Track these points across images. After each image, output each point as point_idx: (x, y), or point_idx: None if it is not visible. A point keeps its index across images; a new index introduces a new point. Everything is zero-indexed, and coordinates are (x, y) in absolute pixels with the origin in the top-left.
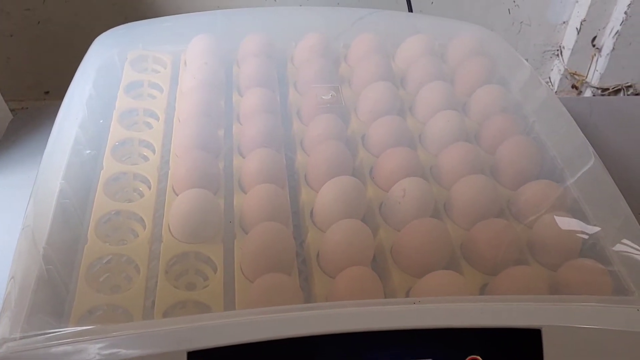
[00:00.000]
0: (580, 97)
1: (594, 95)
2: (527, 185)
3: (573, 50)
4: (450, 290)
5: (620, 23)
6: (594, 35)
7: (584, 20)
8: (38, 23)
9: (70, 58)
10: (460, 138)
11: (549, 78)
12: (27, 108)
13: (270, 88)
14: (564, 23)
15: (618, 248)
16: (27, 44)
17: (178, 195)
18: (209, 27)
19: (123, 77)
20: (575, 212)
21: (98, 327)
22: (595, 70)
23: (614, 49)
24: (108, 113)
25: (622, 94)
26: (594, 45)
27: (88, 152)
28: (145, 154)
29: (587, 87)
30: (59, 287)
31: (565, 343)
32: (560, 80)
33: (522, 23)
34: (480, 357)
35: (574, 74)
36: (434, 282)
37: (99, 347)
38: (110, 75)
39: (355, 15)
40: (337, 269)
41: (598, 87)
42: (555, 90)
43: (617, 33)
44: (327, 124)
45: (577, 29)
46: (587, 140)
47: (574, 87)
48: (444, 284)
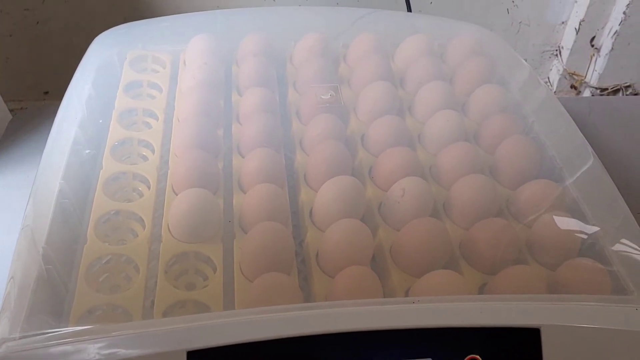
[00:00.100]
0: (579, 97)
1: (593, 96)
2: (526, 185)
3: (572, 50)
4: (450, 290)
5: (619, 23)
6: (593, 35)
7: (583, 21)
8: (37, 23)
9: (70, 58)
10: (460, 138)
11: (548, 78)
12: (26, 108)
13: (270, 88)
14: (563, 23)
15: (617, 248)
16: (26, 44)
17: (177, 195)
18: (209, 27)
19: (122, 77)
20: (575, 211)
21: (97, 327)
22: (594, 71)
23: (613, 49)
24: (107, 113)
25: (620, 94)
26: (593, 45)
27: (87, 152)
28: (145, 154)
29: (586, 87)
30: (59, 287)
31: (564, 342)
32: (559, 81)
33: (521, 23)
34: (480, 356)
35: (573, 74)
36: (433, 281)
37: (99, 347)
38: (110, 75)
39: (355, 15)
40: (336, 269)
41: (597, 87)
42: (554, 90)
43: (615, 33)
44: (326, 124)
45: (576, 29)
46: (586, 140)
47: (573, 87)
48: (443, 284)
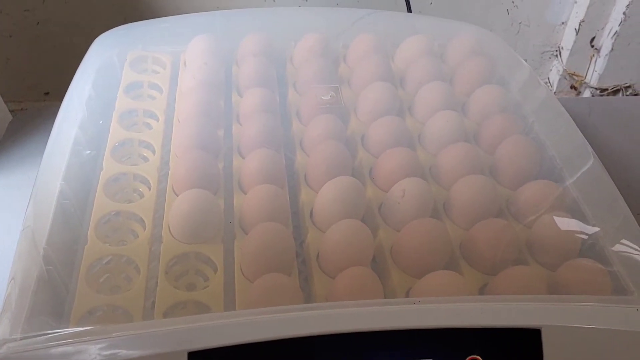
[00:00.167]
0: (579, 97)
1: (593, 96)
2: (526, 185)
3: (572, 51)
4: (450, 290)
5: (619, 24)
6: (593, 36)
7: (583, 21)
8: (37, 24)
9: (70, 59)
10: (460, 138)
11: (548, 79)
12: (26, 109)
13: (270, 88)
14: (563, 24)
15: (617, 248)
16: (26, 45)
17: (178, 196)
18: (209, 27)
19: (123, 77)
20: (575, 212)
21: (98, 327)
22: (594, 71)
23: (613, 50)
24: (108, 114)
25: (620, 95)
26: (593, 46)
27: (88, 152)
28: (145, 155)
29: (585, 87)
30: (59, 287)
31: (565, 343)
32: (559, 81)
33: (521, 24)
34: (480, 357)
35: (573, 75)
36: (434, 282)
37: (99, 347)
38: (110, 76)
39: (355, 16)
40: (336, 269)
41: (597, 87)
42: (554, 91)
43: (615, 33)
44: (326, 124)
45: (575, 30)
46: (586, 140)
47: (573, 87)
48: (444, 284)
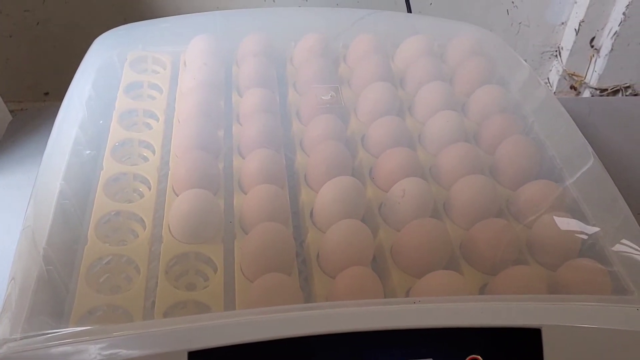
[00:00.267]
0: (579, 97)
1: (593, 96)
2: (526, 185)
3: (572, 51)
4: (450, 290)
5: (619, 24)
6: (593, 36)
7: (583, 21)
8: (37, 24)
9: (70, 59)
10: (460, 138)
11: (548, 79)
12: (26, 109)
13: (270, 88)
14: (563, 24)
15: (617, 248)
16: (26, 45)
17: (178, 196)
18: (209, 27)
19: (123, 77)
20: (575, 212)
21: (98, 327)
22: (594, 71)
23: (613, 50)
24: (108, 114)
25: (620, 95)
26: (593, 46)
27: (88, 152)
28: (145, 155)
29: (585, 87)
30: (59, 287)
31: (565, 342)
32: (559, 81)
33: (520, 24)
34: (481, 356)
35: (573, 75)
36: (434, 282)
37: (99, 347)
38: (110, 76)
39: (355, 16)
40: (337, 269)
41: (597, 87)
42: (554, 91)
43: (615, 34)
44: (326, 125)
45: (575, 30)
46: (586, 140)
47: (573, 87)
48: (444, 284)
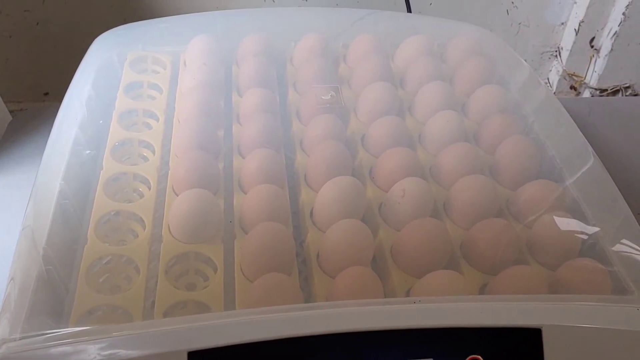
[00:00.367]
0: (579, 97)
1: (593, 96)
2: (526, 185)
3: (571, 51)
4: (450, 290)
5: (619, 24)
6: (592, 36)
7: (582, 21)
8: (37, 24)
9: (70, 59)
10: (460, 138)
11: (548, 79)
12: (26, 109)
13: (270, 88)
14: (563, 24)
15: (617, 248)
16: (26, 45)
17: (178, 196)
18: (208, 27)
19: (122, 77)
20: (575, 212)
21: (98, 327)
22: (594, 71)
23: (612, 50)
24: (107, 114)
25: (620, 95)
26: (592, 46)
27: (88, 152)
28: (145, 155)
29: (585, 88)
30: (59, 287)
31: (566, 342)
32: (559, 81)
33: (520, 24)
34: (481, 356)
35: (573, 75)
36: (434, 281)
37: (99, 347)
38: (110, 76)
39: (355, 16)
40: (337, 269)
41: (596, 88)
42: (554, 91)
43: (615, 34)
44: (326, 124)
45: (575, 30)
46: (586, 140)
47: (573, 88)
48: (444, 284)
